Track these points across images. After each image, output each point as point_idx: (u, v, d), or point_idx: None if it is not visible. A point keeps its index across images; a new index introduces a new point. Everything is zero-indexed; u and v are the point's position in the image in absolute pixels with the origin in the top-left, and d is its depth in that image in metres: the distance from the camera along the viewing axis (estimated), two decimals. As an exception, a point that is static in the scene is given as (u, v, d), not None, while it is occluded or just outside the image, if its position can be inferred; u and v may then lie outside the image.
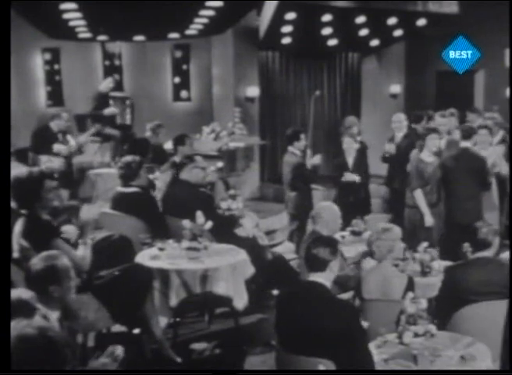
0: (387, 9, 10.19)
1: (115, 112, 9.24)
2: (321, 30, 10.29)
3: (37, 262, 3.44)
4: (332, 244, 3.53)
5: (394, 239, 4.37)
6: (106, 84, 9.42)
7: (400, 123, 7.73)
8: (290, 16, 9.71)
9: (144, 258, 4.94)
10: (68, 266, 3.47)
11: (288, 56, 11.45)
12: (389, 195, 8.63)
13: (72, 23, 8.96)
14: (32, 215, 4.26)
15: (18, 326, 2.18)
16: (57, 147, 7.82)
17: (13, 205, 4.31)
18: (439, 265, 4.85)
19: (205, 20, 9.42)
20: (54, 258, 3.46)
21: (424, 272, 4.80)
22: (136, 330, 4.72)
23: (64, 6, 8.29)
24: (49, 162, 7.16)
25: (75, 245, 4.42)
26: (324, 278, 3.42)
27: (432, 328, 3.52)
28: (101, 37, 9.81)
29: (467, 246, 4.17)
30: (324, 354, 3.20)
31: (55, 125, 8.03)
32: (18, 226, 4.22)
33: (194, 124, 9.76)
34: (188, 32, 9.89)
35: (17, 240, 4.19)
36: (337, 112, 12.07)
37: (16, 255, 4.15)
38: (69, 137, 8.17)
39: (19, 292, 2.89)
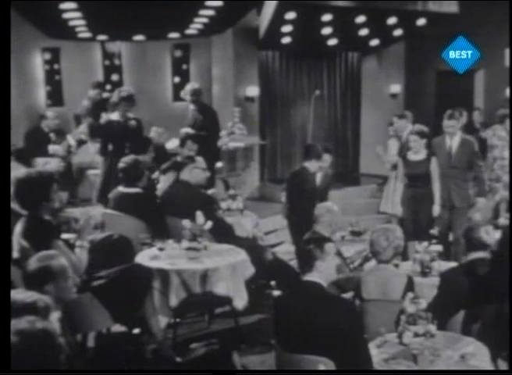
0: (387, 9, 10.18)
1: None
2: (320, 29, 10.28)
3: (32, 262, 3.44)
4: (317, 241, 3.49)
5: (400, 238, 4.36)
6: (93, 94, 9.32)
7: None
8: (290, 15, 9.70)
9: (144, 258, 4.94)
10: (64, 266, 3.46)
11: (288, 56, 11.45)
12: None
13: (71, 23, 8.96)
14: (33, 215, 4.25)
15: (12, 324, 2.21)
16: (52, 148, 7.80)
17: (15, 205, 4.30)
18: (439, 265, 4.85)
19: (205, 20, 9.42)
20: (49, 258, 3.45)
21: (424, 272, 4.81)
22: (136, 330, 4.73)
23: (64, 6, 8.28)
24: (46, 164, 7.13)
25: (72, 247, 4.41)
26: (318, 277, 3.43)
27: (432, 328, 3.52)
28: (101, 37, 9.81)
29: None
30: (323, 352, 3.21)
31: (45, 125, 8.01)
32: (18, 226, 4.22)
33: (194, 124, 9.74)
34: (188, 32, 9.90)
35: (17, 240, 4.19)
36: (337, 111, 12.07)
37: (15, 255, 4.15)
38: (68, 136, 8.16)
39: (38, 297, 2.86)
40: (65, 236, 4.59)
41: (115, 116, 6.85)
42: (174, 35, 9.99)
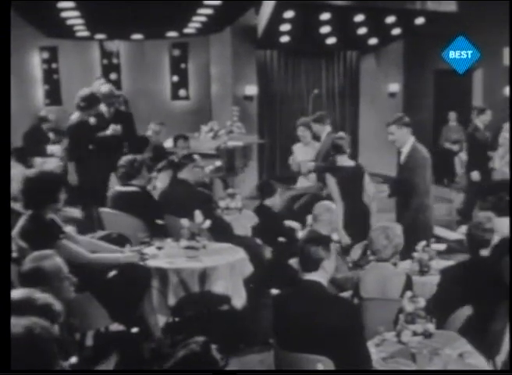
0: (385, 8, 10.18)
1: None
2: (319, 28, 10.28)
3: (26, 262, 3.43)
4: (323, 242, 3.51)
5: (400, 236, 4.36)
6: (98, 85, 9.33)
7: None
8: (288, 14, 9.70)
9: (143, 257, 4.94)
10: (58, 267, 3.43)
11: (286, 55, 11.45)
12: None
13: (69, 22, 8.94)
14: (34, 214, 4.24)
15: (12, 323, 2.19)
16: (51, 148, 7.81)
17: (15, 204, 4.28)
18: (438, 264, 4.85)
19: (204, 19, 9.40)
20: (42, 258, 3.42)
21: (423, 271, 4.81)
22: (135, 329, 4.72)
23: (62, 5, 8.26)
24: (44, 164, 7.13)
25: None
26: (319, 276, 3.43)
27: (431, 327, 3.52)
28: (99, 36, 9.80)
29: None
30: (322, 351, 3.20)
31: (45, 126, 8.02)
32: (17, 226, 4.21)
33: (192, 123, 9.75)
34: (186, 31, 9.88)
35: (15, 239, 4.18)
36: (335, 110, 12.07)
37: (13, 254, 4.14)
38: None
39: (44, 296, 2.85)
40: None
41: (76, 116, 6.92)
42: (172, 34, 9.98)
